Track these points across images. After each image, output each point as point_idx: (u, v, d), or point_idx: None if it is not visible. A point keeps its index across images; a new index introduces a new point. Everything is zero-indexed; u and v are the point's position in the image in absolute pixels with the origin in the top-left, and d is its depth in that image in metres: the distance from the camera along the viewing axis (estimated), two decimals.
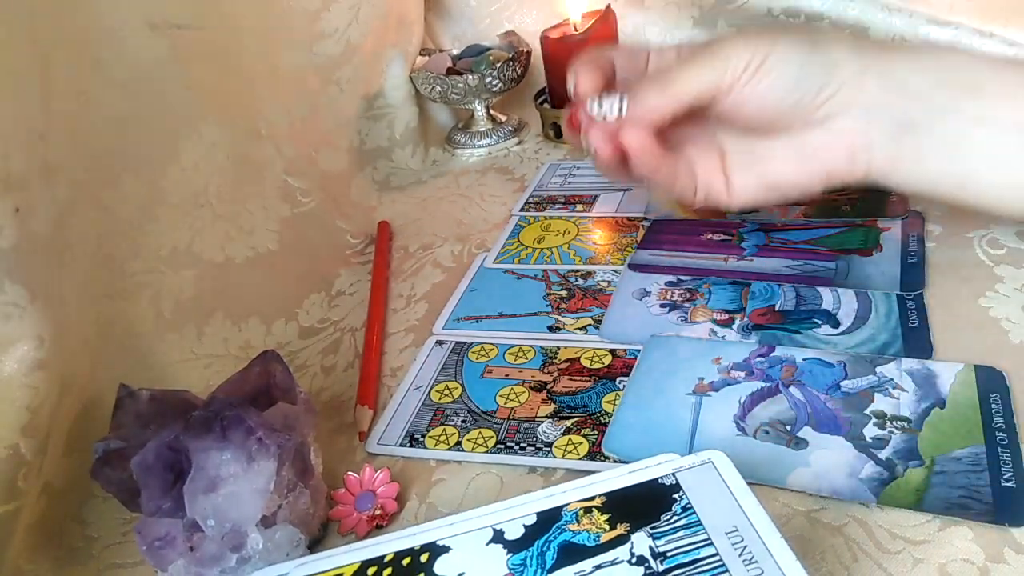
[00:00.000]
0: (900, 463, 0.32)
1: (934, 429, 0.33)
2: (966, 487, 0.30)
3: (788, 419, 0.35)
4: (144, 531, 0.30)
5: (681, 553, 0.24)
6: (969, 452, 0.32)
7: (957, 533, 0.29)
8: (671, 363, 0.39)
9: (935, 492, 0.30)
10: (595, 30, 0.65)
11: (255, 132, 0.52)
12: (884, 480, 0.31)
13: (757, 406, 0.36)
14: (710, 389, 0.37)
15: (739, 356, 0.39)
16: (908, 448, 0.32)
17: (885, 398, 0.35)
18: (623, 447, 0.35)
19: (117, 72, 0.41)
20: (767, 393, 0.36)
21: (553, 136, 0.69)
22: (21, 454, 0.32)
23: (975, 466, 0.31)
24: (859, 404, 0.35)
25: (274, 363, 0.35)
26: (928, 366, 0.36)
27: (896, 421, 0.34)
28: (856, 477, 0.32)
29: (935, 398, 0.35)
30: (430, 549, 0.26)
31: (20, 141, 0.34)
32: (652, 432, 0.36)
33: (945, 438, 0.33)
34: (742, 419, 0.35)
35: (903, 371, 0.36)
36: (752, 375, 0.38)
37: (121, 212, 0.41)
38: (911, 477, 0.31)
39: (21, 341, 0.32)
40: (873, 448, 0.33)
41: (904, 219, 0.47)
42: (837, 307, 0.41)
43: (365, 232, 0.57)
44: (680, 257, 0.48)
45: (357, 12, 0.61)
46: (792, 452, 0.33)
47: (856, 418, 0.34)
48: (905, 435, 0.33)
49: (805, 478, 0.32)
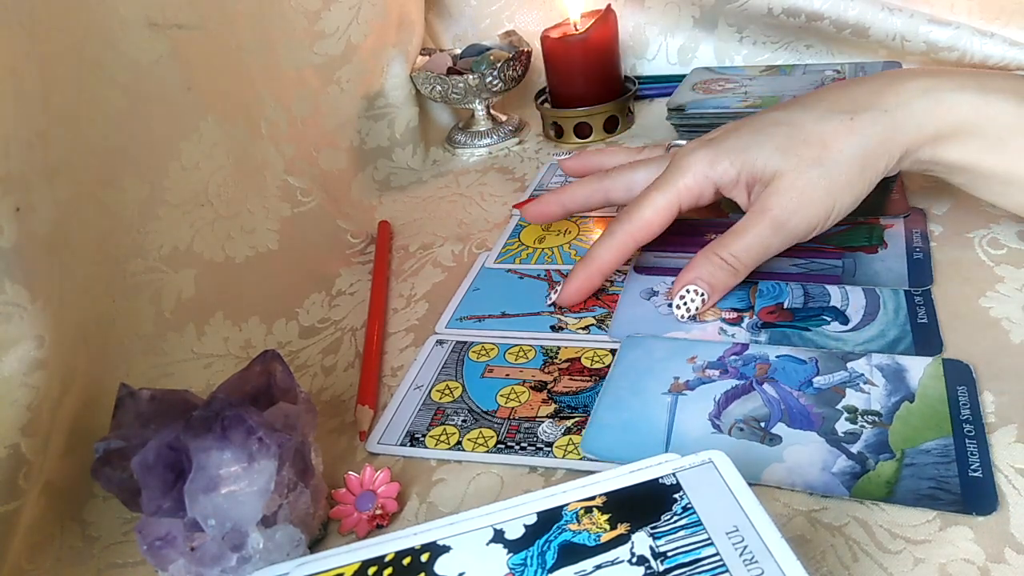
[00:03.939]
0: (871, 456, 0.32)
1: (904, 422, 0.34)
2: (935, 478, 0.31)
3: (762, 416, 0.35)
4: (145, 531, 0.30)
5: (681, 553, 0.24)
6: (938, 444, 0.32)
7: (958, 533, 0.29)
8: (647, 363, 0.40)
9: (905, 484, 0.31)
10: (595, 30, 0.65)
11: (255, 132, 0.52)
12: (856, 473, 0.32)
13: (732, 404, 0.36)
14: (685, 388, 0.38)
15: (714, 355, 0.39)
16: (879, 442, 0.33)
17: (856, 393, 0.36)
18: (601, 447, 0.35)
19: (117, 72, 0.41)
20: (741, 391, 0.37)
21: (553, 136, 0.69)
22: (21, 453, 0.32)
23: (943, 458, 0.32)
24: (831, 399, 0.36)
25: (274, 363, 0.35)
26: (898, 361, 0.37)
27: (867, 415, 0.34)
28: (829, 471, 0.32)
29: (905, 392, 0.35)
30: (430, 549, 0.26)
31: (20, 141, 0.34)
32: (629, 432, 0.36)
33: (915, 431, 0.33)
34: (717, 417, 0.36)
35: (873, 366, 0.37)
36: (727, 373, 0.38)
37: (121, 212, 0.41)
38: (882, 470, 0.32)
39: (21, 341, 0.32)
40: (845, 442, 0.33)
41: (906, 216, 0.47)
42: (846, 304, 0.41)
43: (365, 232, 0.57)
44: (685, 258, 0.47)
45: (357, 12, 0.61)
46: (766, 448, 0.34)
47: (828, 413, 0.35)
48: (876, 429, 0.34)
49: (779, 473, 0.32)
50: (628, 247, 0.43)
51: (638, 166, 0.46)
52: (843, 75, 0.63)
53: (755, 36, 0.71)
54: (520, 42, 0.70)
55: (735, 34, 0.72)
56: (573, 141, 0.68)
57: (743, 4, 0.67)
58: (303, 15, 0.58)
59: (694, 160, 0.41)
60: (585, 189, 0.48)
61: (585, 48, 0.65)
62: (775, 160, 0.39)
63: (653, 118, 0.69)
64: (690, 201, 0.42)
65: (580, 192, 0.48)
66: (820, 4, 0.64)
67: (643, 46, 0.75)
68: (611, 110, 0.67)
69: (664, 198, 0.42)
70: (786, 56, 0.71)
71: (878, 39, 0.65)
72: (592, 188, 0.48)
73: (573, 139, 0.68)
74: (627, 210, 0.43)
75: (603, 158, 0.51)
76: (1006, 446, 0.32)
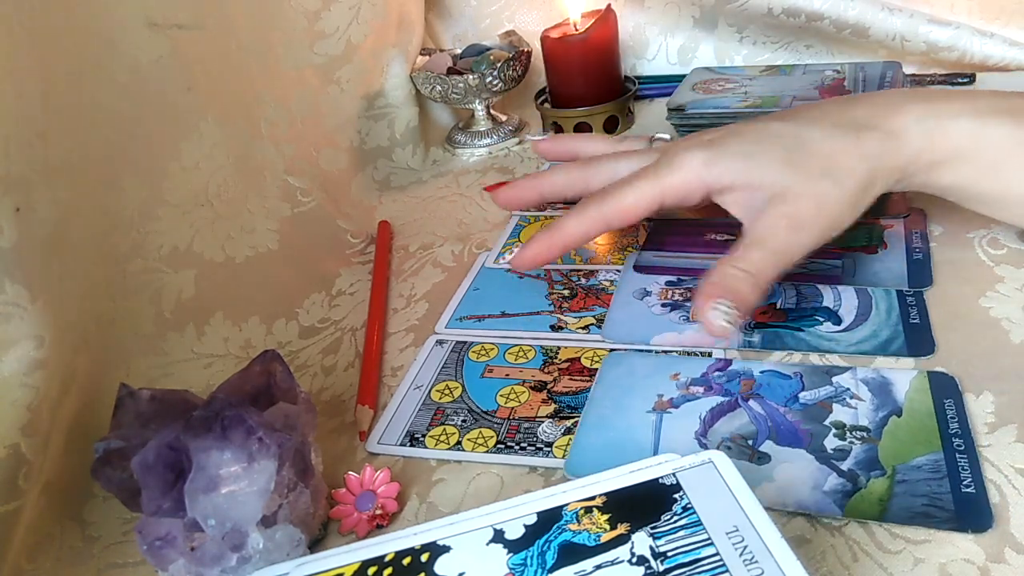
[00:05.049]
0: (862, 474, 0.32)
1: (893, 438, 0.33)
2: (928, 495, 0.30)
3: (749, 433, 0.35)
4: (145, 531, 0.30)
5: (682, 553, 0.24)
6: (928, 459, 0.32)
7: (958, 533, 0.29)
8: (630, 381, 0.39)
9: (898, 502, 0.30)
10: (595, 30, 0.65)
11: (255, 132, 0.52)
12: (848, 492, 0.31)
13: (718, 421, 0.36)
14: (670, 406, 0.37)
15: (697, 371, 0.39)
16: (869, 458, 0.32)
17: (843, 408, 0.35)
18: (586, 468, 0.33)
19: (117, 72, 0.41)
20: (727, 408, 0.36)
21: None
22: (21, 453, 0.32)
23: (935, 473, 0.31)
24: (818, 415, 0.35)
25: (274, 363, 0.35)
26: (883, 374, 0.36)
27: (856, 431, 0.34)
28: (820, 490, 0.31)
29: (892, 406, 0.35)
30: (430, 549, 0.26)
31: (20, 141, 0.34)
32: (614, 452, 0.35)
33: (904, 446, 0.32)
34: (703, 435, 0.35)
35: (859, 380, 0.36)
36: (711, 390, 0.37)
37: (121, 212, 0.41)
38: (874, 487, 0.31)
39: (21, 341, 0.32)
40: (835, 459, 0.33)
41: (906, 217, 0.47)
42: (838, 304, 0.41)
43: (365, 232, 0.57)
44: (685, 258, 0.48)
45: (357, 12, 0.61)
46: (755, 467, 0.33)
47: (816, 430, 0.34)
48: (865, 445, 0.33)
49: (770, 493, 0.32)
50: (597, 228, 0.41)
51: (621, 157, 0.44)
52: (843, 75, 0.63)
53: (755, 36, 0.71)
54: (520, 42, 0.70)
55: (735, 34, 0.72)
56: None
57: (743, 4, 0.67)
58: (303, 15, 0.58)
59: (689, 158, 0.39)
60: (564, 177, 0.45)
61: (585, 48, 0.65)
62: (782, 172, 0.38)
63: (653, 118, 0.69)
64: (675, 199, 0.40)
65: (559, 179, 0.45)
66: (820, 4, 0.64)
67: (643, 46, 0.75)
68: (611, 110, 0.67)
69: (649, 188, 0.39)
70: (786, 56, 0.71)
71: (878, 39, 0.65)
72: (572, 176, 0.44)
73: None
74: (607, 190, 0.41)
75: (580, 143, 0.49)
76: (1006, 446, 0.32)
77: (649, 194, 0.40)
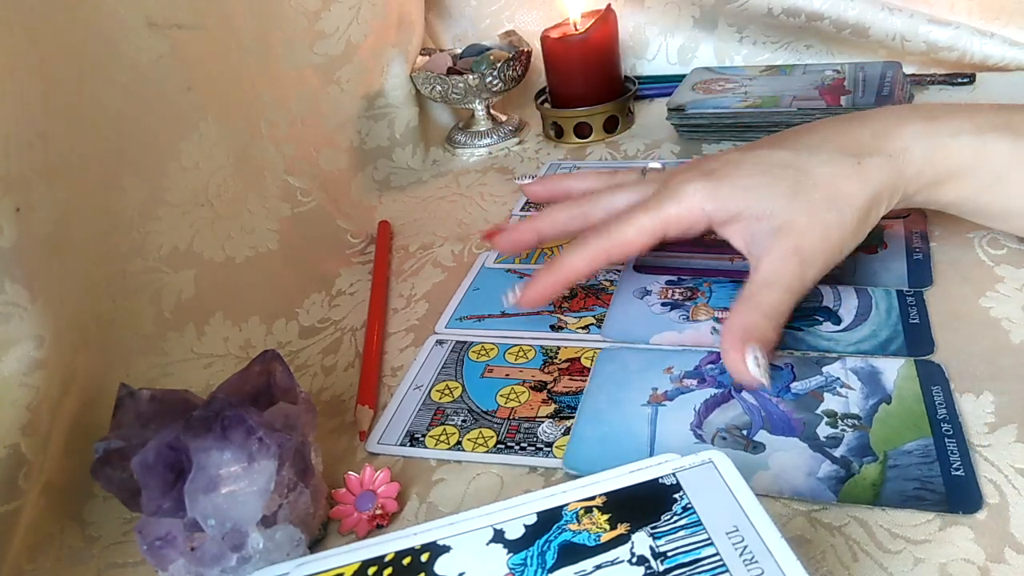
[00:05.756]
0: (855, 460, 0.32)
1: (883, 424, 0.34)
2: (919, 479, 0.31)
3: (743, 424, 0.35)
4: (145, 531, 0.30)
5: (681, 553, 0.24)
6: (918, 444, 0.33)
7: (958, 533, 0.29)
8: (624, 375, 0.39)
9: (891, 486, 0.31)
10: (595, 30, 0.65)
11: (255, 132, 0.52)
12: (841, 478, 0.32)
13: (712, 413, 0.36)
14: (664, 399, 0.37)
15: (690, 364, 0.39)
16: (861, 445, 0.33)
17: (834, 397, 0.36)
18: (583, 462, 0.35)
19: (117, 72, 0.41)
20: (720, 399, 0.37)
21: (554, 136, 0.69)
22: (21, 453, 0.32)
23: (925, 458, 0.32)
24: (810, 404, 0.36)
25: (274, 363, 0.35)
26: (871, 363, 0.37)
27: (847, 419, 0.34)
28: (815, 477, 0.32)
29: (882, 394, 0.35)
30: (430, 549, 0.26)
31: (20, 141, 0.34)
32: (611, 445, 0.35)
33: (895, 432, 0.33)
34: (699, 427, 0.36)
35: (848, 369, 0.37)
36: (704, 382, 0.38)
37: (121, 212, 0.41)
38: (867, 473, 0.32)
39: (21, 341, 0.32)
40: (828, 447, 0.33)
41: (906, 217, 0.47)
42: (838, 304, 0.41)
43: (365, 232, 0.57)
44: (685, 257, 0.48)
45: (357, 12, 0.61)
46: (751, 456, 0.34)
47: (809, 418, 0.35)
48: (857, 432, 0.34)
49: (766, 481, 0.32)
50: (599, 262, 0.40)
51: (618, 191, 0.44)
52: (843, 75, 0.63)
53: (755, 36, 0.71)
54: (520, 42, 0.70)
55: (735, 34, 0.72)
56: (573, 141, 0.68)
57: (743, 4, 0.67)
58: (303, 15, 0.58)
59: (692, 190, 0.39)
60: (562, 214, 0.44)
61: (585, 48, 0.65)
62: (787, 204, 0.38)
63: (653, 118, 0.69)
64: (678, 231, 0.40)
65: (558, 218, 0.44)
66: (820, 4, 0.65)
67: (643, 46, 0.75)
68: (611, 110, 0.67)
69: (650, 220, 0.39)
70: (786, 56, 0.71)
71: (878, 39, 0.65)
72: (570, 214, 0.44)
73: (573, 139, 0.68)
74: (608, 224, 0.40)
75: (571, 182, 0.48)
76: (1006, 446, 0.32)
77: (650, 227, 0.39)
